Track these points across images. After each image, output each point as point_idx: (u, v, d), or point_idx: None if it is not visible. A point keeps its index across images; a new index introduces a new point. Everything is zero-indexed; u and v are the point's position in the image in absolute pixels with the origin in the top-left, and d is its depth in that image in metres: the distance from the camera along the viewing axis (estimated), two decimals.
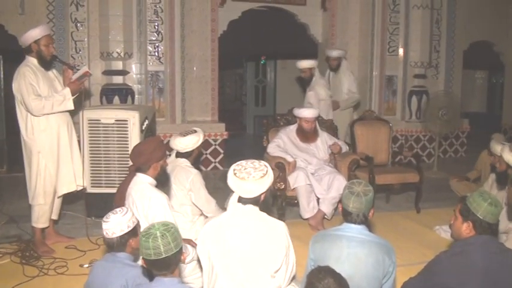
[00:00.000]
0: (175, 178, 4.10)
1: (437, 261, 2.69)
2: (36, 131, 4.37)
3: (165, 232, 2.18)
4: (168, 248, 2.17)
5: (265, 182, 2.59)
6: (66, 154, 4.54)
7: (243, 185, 2.57)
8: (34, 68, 4.36)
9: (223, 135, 8.32)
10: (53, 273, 4.02)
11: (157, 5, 7.86)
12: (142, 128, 5.32)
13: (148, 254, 2.18)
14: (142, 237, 2.20)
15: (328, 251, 2.68)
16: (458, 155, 9.98)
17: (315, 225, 5.18)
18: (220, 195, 5.43)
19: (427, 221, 5.50)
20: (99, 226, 4.73)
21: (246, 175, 2.57)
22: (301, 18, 9.26)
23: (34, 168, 4.41)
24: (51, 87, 4.46)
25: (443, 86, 9.65)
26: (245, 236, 2.57)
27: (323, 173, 5.38)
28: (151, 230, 2.20)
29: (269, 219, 2.67)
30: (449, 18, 9.74)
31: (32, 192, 4.45)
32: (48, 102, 4.28)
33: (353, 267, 2.61)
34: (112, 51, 7.64)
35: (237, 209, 2.65)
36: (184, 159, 4.12)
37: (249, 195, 2.60)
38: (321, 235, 2.85)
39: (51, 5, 7.59)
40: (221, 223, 2.65)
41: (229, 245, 2.56)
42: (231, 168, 2.66)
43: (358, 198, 2.66)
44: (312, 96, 6.78)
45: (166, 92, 8.03)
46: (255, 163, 2.67)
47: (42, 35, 4.37)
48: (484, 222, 2.60)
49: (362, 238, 2.68)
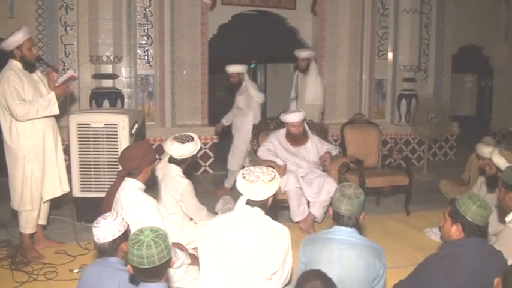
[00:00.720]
0: (165, 187, 4.05)
1: (427, 264, 2.70)
2: (22, 136, 4.29)
3: (157, 239, 2.13)
4: (161, 256, 2.12)
5: (273, 186, 2.69)
6: (51, 159, 4.48)
7: (252, 188, 2.64)
8: (18, 71, 4.28)
9: (213, 139, 8.30)
10: (43, 278, 3.99)
11: (147, 8, 7.84)
12: (132, 132, 5.31)
13: (141, 263, 2.11)
14: (133, 245, 2.12)
15: (318, 254, 2.68)
16: (447, 157, 10.03)
17: (306, 229, 5.18)
18: (211, 199, 5.45)
19: (417, 224, 5.52)
20: (88, 231, 4.71)
21: (255, 178, 2.66)
22: (291, 22, 9.29)
23: (19, 174, 4.33)
24: (36, 90, 4.38)
25: (432, 89, 9.72)
26: (247, 236, 2.60)
27: (313, 176, 5.39)
28: (142, 238, 2.13)
29: (273, 223, 2.71)
30: (439, 23, 9.81)
31: (18, 198, 4.37)
32: (32, 107, 4.20)
33: (343, 270, 2.62)
34: (101, 54, 7.60)
35: (243, 210, 2.69)
36: (176, 167, 4.07)
37: (257, 198, 2.67)
38: (311, 238, 2.85)
39: (40, 9, 7.55)
40: (226, 222, 2.70)
41: (230, 244, 2.58)
42: (239, 172, 2.75)
43: (350, 200, 2.68)
44: (241, 100, 6.71)
45: (156, 95, 8.00)
46: (263, 168, 2.77)
47: (24, 39, 4.28)
48: (473, 225, 2.62)
49: (352, 241, 2.68)
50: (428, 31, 9.66)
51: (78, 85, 7.77)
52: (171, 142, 3.99)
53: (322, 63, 9.25)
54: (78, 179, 5.23)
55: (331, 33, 9.25)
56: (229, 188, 6.65)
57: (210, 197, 5.86)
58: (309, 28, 9.43)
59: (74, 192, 5.24)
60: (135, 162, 3.19)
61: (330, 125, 8.47)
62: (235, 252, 2.57)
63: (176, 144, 3.96)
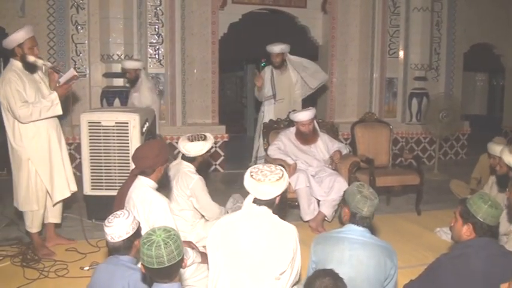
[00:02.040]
0: (177, 183, 4.10)
1: (438, 264, 2.69)
2: (25, 138, 4.28)
3: (168, 240, 2.12)
4: (171, 257, 2.12)
5: (280, 185, 2.66)
6: (57, 159, 4.47)
7: (259, 187, 2.63)
8: (19, 72, 4.24)
9: (223, 138, 8.32)
10: (54, 275, 4.01)
11: (157, 7, 7.88)
12: (142, 131, 5.32)
13: (151, 263, 2.11)
14: (143, 244, 2.13)
15: (330, 253, 2.68)
16: (458, 157, 9.98)
17: (316, 228, 5.18)
18: (221, 197, 5.45)
19: (428, 223, 5.50)
20: (99, 228, 4.75)
21: (263, 177, 2.63)
22: (302, 20, 9.27)
23: (24, 175, 4.32)
24: (38, 90, 4.35)
25: (443, 88, 9.66)
26: (254, 236, 2.59)
27: (324, 175, 5.37)
28: (153, 237, 2.13)
29: (280, 222, 2.69)
30: (450, 21, 9.75)
31: (23, 198, 4.37)
32: (35, 109, 4.17)
33: (355, 269, 2.61)
34: (112, 53, 7.64)
35: (251, 209, 2.68)
36: (188, 164, 4.11)
37: (264, 197, 2.65)
38: (322, 237, 2.85)
39: (51, 8, 7.60)
40: (233, 221, 2.69)
41: (237, 244, 2.58)
42: (247, 170, 2.73)
43: (372, 202, 2.69)
44: (136, 98, 6.47)
45: (166, 94, 8.04)
46: (271, 167, 2.74)
47: (26, 38, 4.24)
48: (484, 225, 2.61)
49: (364, 240, 2.68)
50: (439, 29, 9.61)
51: (89, 84, 7.84)
52: (182, 139, 4.08)
53: (333, 62, 9.26)
54: (89, 177, 5.25)
55: (342, 31, 9.24)
56: None
57: (220, 195, 5.86)
58: (319, 26, 9.42)
59: (85, 190, 5.27)
60: (148, 161, 3.19)
61: (340, 124, 8.48)
62: (243, 251, 2.56)
63: (184, 141, 4.04)
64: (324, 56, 9.52)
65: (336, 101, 9.41)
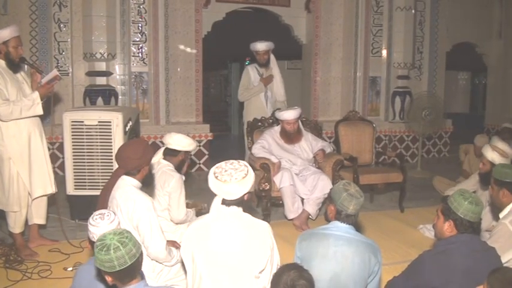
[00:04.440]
0: (158, 182, 4.09)
1: (421, 261, 2.71)
2: (6, 137, 4.24)
3: (123, 239, 2.11)
4: (131, 255, 2.11)
5: (247, 183, 2.57)
6: (39, 158, 4.44)
7: (226, 188, 2.53)
8: (2, 70, 4.22)
9: (207, 136, 8.30)
10: (37, 276, 3.98)
11: (141, 5, 7.83)
12: (126, 130, 5.29)
13: (112, 266, 2.09)
14: (99, 251, 2.09)
15: (314, 249, 2.70)
16: (441, 154, 10.09)
17: (300, 226, 5.20)
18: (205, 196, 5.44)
19: (411, 220, 5.54)
20: (82, 229, 4.73)
21: (228, 177, 2.53)
22: (286, 19, 9.29)
23: (6, 175, 4.28)
24: (20, 90, 4.32)
25: (426, 87, 9.75)
26: (229, 237, 2.56)
27: (307, 173, 5.40)
28: (107, 241, 2.11)
29: (253, 220, 2.65)
30: (432, 20, 9.84)
31: (6, 199, 4.33)
32: (16, 107, 4.15)
33: (340, 265, 2.64)
34: (95, 52, 7.59)
35: (221, 211, 2.62)
36: (167, 163, 4.11)
37: (232, 197, 2.57)
38: (308, 233, 2.86)
39: (34, 5, 7.51)
40: (205, 225, 2.63)
41: (213, 247, 2.54)
42: (210, 171, 2.62)
43: (357, 200, 2.72)
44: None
45: (150, 93, 8.00)
46: (235, 164, 2.63)
47: (12, 36, 4.22)
48: (464, 221, 2.64)
49: (349, 237, 2.71)
50: (422, 28, 9.69)
51: (71, 82, 7.77)
52: (169, 133, 4.16)
53: (317, 61, 9.28)
54: (72, 176, 5.19)
55: (326, 30, 9.28)
56: None
57: (204, 195, 5.84)
58: (303, 25, 9.44)
59: (68, 190, 5.21)
60: (134, 162, 3.15)
61: (324, 122, 8.52)
62: (220, 253, 2.53)
63: (172, 133, 4.12)
64: (307, 55, 9.56)
65: (320, 99, 9.44)
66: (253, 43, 6.75)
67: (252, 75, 6.83)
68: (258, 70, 6.83)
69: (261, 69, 6.82)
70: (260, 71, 6.82)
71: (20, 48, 4.33)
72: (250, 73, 6.85)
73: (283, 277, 2.25)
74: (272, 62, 6.83)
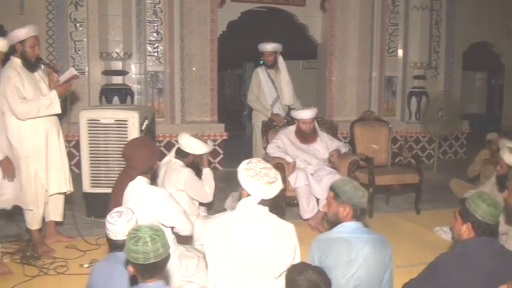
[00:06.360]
0: (168, 181, 4.13)
1: (438, 263, 2.69)
2: (23, 135, 4.26)
3: (154, 237, 2.13)
4: (158, 254, 2.12)
5: (280, 183, 2.65)
6: (56, 156, 4.46)
7: (266, 189, 2.58)
8: (18, 69, 4.23)
9: (222, 136, 8.32)
10: (53, 272, 4.01)
11: (156, 5, 7.87)
12: (142, 128, 5.32)
13: (136, 258, 2.11)
14: (130, 239, 2.13)
15: (337, 257, 2.66)
16: (458, 156, 9.99)
17: (315, 226, 5.18)
18: (220, 195, 5.45)
19: (427, 222, 5.49)
20: (98, 226, 4.76)
21: (267, 178, 2.59)
22: (301, 19, 9.28)
23: (23, 174, 4.29)
24: (37, 89, 4.34)
25: (442, 87, 9.66)
26: (253, 236, 2.56)
27: (323, 173, 5.37)
28: (140, 233, 2.14)
29: (279, 221, 2.66)
30: (449, 19, 9.77)
31: (23, 197, 4.32)
32: (34, 106, 4.17)
33: (362, 268, 2.63)
34: (111, 51, 7.63)
35: (249, 208, 2.63)
36: (177, 161, 4.17)
37: (269, 197, 2.61)
38: (325, 239, 2.80)
39: (50, 5, 7.60)
40: (231, 221, 2.64)
41: (236, 244, 2.55)
42: (245, 173, 2.62)
43: (364, 192, 2.77)
44: None
45: (165, 92, 8.04)
46: (259, 163, 2.67)
47: (29, 35, 4.23)
48: (482, 224, 2.60)
49: (366, 237, 2.71)
50: (438, 28, 9.63)
51: (88, 81, 7.83)
52: (184, 133, 4.24)
53: (332, 61, 9.26)
54: (88, 174, 5.25)
55: (341, 30, 9.24)
56: None
57: (219, 194, 5.85)
58: (318, 25, 9.43)
59: (84, 187, 5.27)
60: (148, 163, 3.21)
61: (340, 122, 8.48)
62: (243, 251, 2.53)
63: (186, 135, 4.19)
64: (323, 55, 9.53)
65: (335, 99, 9.41)
66: (261, 44, 6.66)
67: (262, 78, 6.69)
68: (267, 72, 6.69)
69: (270, 71, 6.66)
70: (270, 73, 6.67)
71: (38, 48, 4.35)
72: (260, 75, 6.70)
73: (300, 278, 2.24)
74: (280, 64, 6.67)
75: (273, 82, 6.66)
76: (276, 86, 6.64)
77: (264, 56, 6.66)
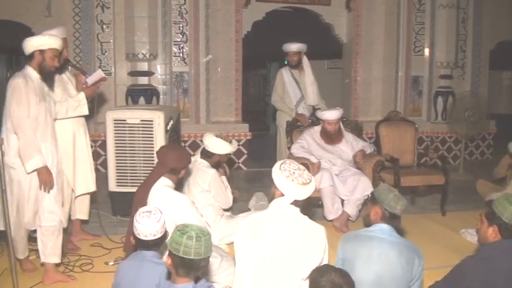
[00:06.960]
0: (194, 181, 4.19)
1: (464, 266, 2.66)
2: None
3: (201, 235, 2.16)
4: (197, 252, 2.14)
5: (314, 184, 2.68)
6: (83, 156, 4.52)
7: (307, 189, 2.61)
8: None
9: (246, 136, 8.34)
10: (79, 270, 4.08)
11: (182, 6, 7.93)
12: (167, 128, 5.37)
13: (177, 249, 2.14)
14: (177, 231, 2.17)
15: (358, 251, 2.72)
16: (484, 157, 9.83)
17: (340, 227, 5.15)
18: (244, 195, 5.47)
19: (453, 224, 5.42)
20: (124, 224, 4.81)
21: (306, 179, 2.62)
22: (326, 18, 9.24)
23: None
24: (65, 90, 4.38)
25: (469, 86, 9.51)
26: (284, 236, 2.58)
27: (348, 174, 5.34)
28: (188, 229, 2.17)
29: (310, 222, 2.68)
30: (476, 18, 9.60)
31: None
32: (62, 108, 4.20)
33: (383, 267, 2.64)
34: (137, 52, 7.71)
35: (280, 208, 2.65)
36: (202, 160, 4.23)
37: (303, 197, 2.63)
38: (351, 235, 2.88)
39: (77, 7, 7.72)
40: (262, 220, 2.66)
41: (266, 243, 2.57)
42: (281, 174, 2.63)
43: (403, 201, 2.76)
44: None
45: (190, 92, 8.10)
46: (294, 164, 2.72)
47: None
48: (509, 226, 2.58)
49: (393, 240, 2.72)
50: (465, 26, 9.48)
51: (114, 82, 7.93)
52: (208, 133, 4.35)
53: (357, 60, 9.21)
54: (114, 174, 5.32)
55: (367, 29, 9.18)
56: None
57: (243, 194, 5.88)
58: (343, 24, 9.37)
59: (110, 186, 5.34)
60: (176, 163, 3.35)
61: (365, 123, 8.39)
62: (272, 251, 2.55)
63: (210, 135, 4.28)
64: (348, 54, 9.48)
65: (360, 99, 9.35)
66: (285, 44, 6.68)
67: (286, 78, 6.72)
68: (291, 72, 6.72)
69: (295, 71, 6.69)
70: (295, 74, 6.69)
71: (66, 50, 4.33)
72: (284, 76, 6.74)
73: (323, 279, 2.26)
74: (305, 64, 6.69)
75: (297, 82, 6.67)
76: (300, 86, 6.67)
77: (288, 56, 6.69)
